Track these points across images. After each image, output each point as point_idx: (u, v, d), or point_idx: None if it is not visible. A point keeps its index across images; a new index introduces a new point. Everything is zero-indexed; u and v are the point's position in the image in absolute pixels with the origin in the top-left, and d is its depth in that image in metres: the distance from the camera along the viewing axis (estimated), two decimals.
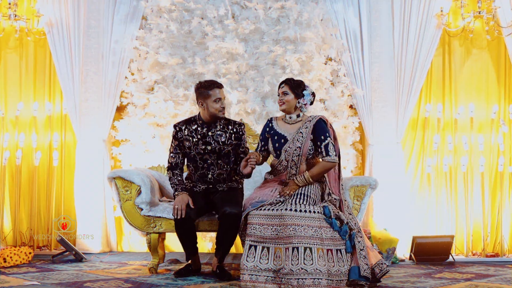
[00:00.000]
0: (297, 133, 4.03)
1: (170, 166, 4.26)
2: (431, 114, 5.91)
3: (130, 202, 4.53)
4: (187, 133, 4.23)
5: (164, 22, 5.62)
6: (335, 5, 5.81)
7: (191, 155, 4.23)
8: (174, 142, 4.27)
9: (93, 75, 5.78)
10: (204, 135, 4.21)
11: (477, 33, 5.91)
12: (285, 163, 4.03)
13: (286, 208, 3.76)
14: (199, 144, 4.20)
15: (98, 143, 5.76)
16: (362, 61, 5.77)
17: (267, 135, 4.19)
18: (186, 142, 4.22)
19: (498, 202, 5.75)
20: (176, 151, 4.27)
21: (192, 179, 4.35)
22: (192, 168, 4.28)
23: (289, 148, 4.01)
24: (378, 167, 5.67)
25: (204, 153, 4.21)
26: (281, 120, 4.19)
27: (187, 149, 4.23)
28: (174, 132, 4.27)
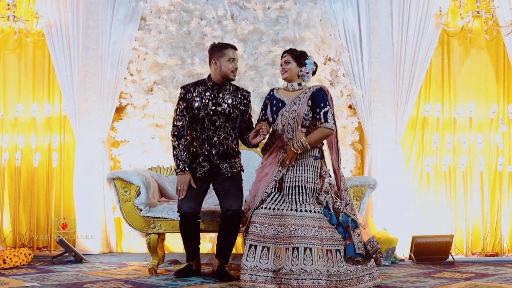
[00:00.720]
0: (296, 98, 4.00)
1: (176, 131, 4.10)
2: (430, 113, 5.92)
3: (130, 203, 4.53)
4: (196, 94, 4.10)
5: (163, 22, 5.62)
6: (334, 5, 5.81)
7: (199, 116, 4.08)
8: (182, 104, 4.11)
9: (92, 76, 5.78)
10: (214, 96, 4.11)
11: (476, 32, 5.91)
12: (280, 126, 3.98)
13: (286, 208, 3.76)
14: (209, 104, 4.08)
15: (98, 144, 5.76)
16: (361, 61, 5.77)
17: (267, 101, 4.16)
18: (195, 103, 4.08)
19: (497, 201, 5.76)
20: (183, 113, 4.11)
21: (193, 147, 4.18)
22: (198, 130, 4.13)
23: (285, 112, 3.98)
24: (377, 167, 5.67)
25: (213, 114, 4.09)
26: (282, 89, 4.16)
27: (195, 110, 4.07)
28: (183, 94, 4.13)
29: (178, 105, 4.12)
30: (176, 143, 4.08)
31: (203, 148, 4.12)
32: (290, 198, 3.83)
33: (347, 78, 5.76)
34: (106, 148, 5.80)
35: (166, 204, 4.61)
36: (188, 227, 4.08)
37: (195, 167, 4.15)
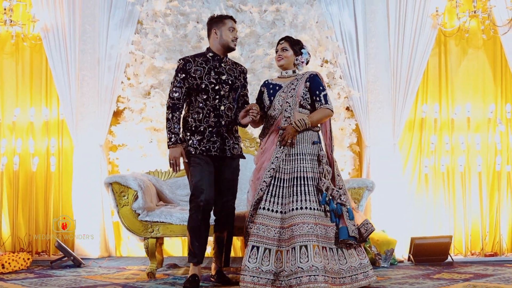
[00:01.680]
0: (292, 80, 4.03)
1: (172, 103, 3.90)
2: (428, 114, 5.91)
3: (127, 207, 4.54)
4: (196, 64, 3.94)
5: (160, 26, 5.62)
6: (330, 7, 5.81)
7: (201, 86, 3.90)
8: (180, 75, 3.92)
9: (89, 80, 5.79)
10: (215, 66, 3.98)
11: (473, 32, 5.91)
12: (278, 107, 3.97)
13: (286, 209, 3.75)
14: (212, 73, 3.94)
15: (95, 148, 5.76)
16: (358, 63, 5.77)
17: (262, 88, 4.14)
18: (196, 72, 3.91)
19: (496, 201, 5.75)
20: (181, 84, 3.92)
21: (197, 121, 3.92)
22: (202, 101, 3.91)
23: (283, 93, 3.99)
24: (375, 169, 5.66)
25: (217, 83, 3.93)
26: (276, 78, 4.18)
27: (197, 79, 3.89)
28: (182, 64, 3.94)
29: (176, 76, 3.94)
30: (170, 115, 3.90)
31: (209, 120, 3.91)
32: (290, 191, 3.79)
33: (344, 80, 5.76)
34: (104, 152, 5.79)
35: (164, 208, 4.61)
36: (205, 219, 3.88)
37: (206, 146, 3.91)
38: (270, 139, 3.97)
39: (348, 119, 5.78)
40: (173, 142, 3.86)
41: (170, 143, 3.87)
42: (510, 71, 5.80)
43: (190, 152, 3.90)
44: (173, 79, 3.95)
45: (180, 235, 4.54)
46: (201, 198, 3.80)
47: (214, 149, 3.91)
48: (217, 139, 3.92)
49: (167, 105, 3.92)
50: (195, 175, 3.87)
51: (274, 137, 3.94)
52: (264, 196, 3.82)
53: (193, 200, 3.85)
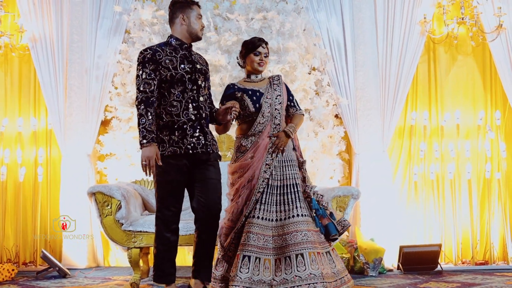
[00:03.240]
0: (270, 85, 3.91)
1: (145, 97, 3.43)
2: (418, 121, 5.87)
3: (111, 217, 4.51)
4: (166, 54, 3.52)
5: (147, 35, 5.61)
6: (318, 15, 5.78)
7: (176, 77, 3.49)
8: (150, 65, 3.46)
9: (77, 90, 5.77)
10: (186, 55, 3.59)
11: (462, 39, 5.88)
12: (267, 114, 3.83)
13: (278, 217, 3.69)
14: (185, 62, 3.55)
15: (83, 157, 5.73)
16: (346, 70, 5.74)
17: (237, 93, 3.87)
18: (168, 62, 3.49)
19: (486, 209, 5.69)
20: (152, 76, 3.46)
21: (174, 116, 3.51)
22: (178, 93, 3.50)
23: (268, 99, 3.85)
24: (365, 176, 5.61)
25: (192, 72, 3.55)
26: (243, 82, 3.97)
27: (171, 69, 3.48)
28: (149, 55, 3.48)
29: (144, 68, 3.46)
30: (144, 110, 3.40)
31: (188, 113, 3.51)
32: (283, 198, 3.74)
33: (333, 87, 5.73)
34: (91, 161, 5.77)
35: (148, 218, 4.58)
36: (172, 235, 3.58)
37: (191, 144, 3.52)
38: (261, 147, 3.82)
39: (337, 126, 5.74)
40: (148, 141, 3.37)
41: (144, 142, 3.37)
42: (499, 78, 5.75)
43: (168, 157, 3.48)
44: (140, 72, 3.47)
45: None
46: (167, 215, 3.55)
47: (199, 146, 3.54)
48: (200, 133, 3.56)
49: (139, 100, 3.43)
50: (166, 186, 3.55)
51: (266, 144, 3.82)
52: (257, 205, 3.74)
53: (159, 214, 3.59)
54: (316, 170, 5.59)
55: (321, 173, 5.62)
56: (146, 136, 3.38)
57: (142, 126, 3.39)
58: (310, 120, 5.64)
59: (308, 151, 5.54)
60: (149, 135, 3.38)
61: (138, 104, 3.43)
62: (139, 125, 3.39)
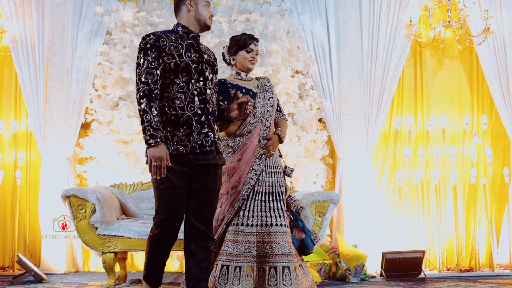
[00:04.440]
0: (261, 86, 3.80)
1: (148, 90, 3.02)
2: (403, 126, 5.79)
3: (85, 221, 4.42)
4: (171, 40, 3.14)
5: (128, 37, 5.53)
6: (302, 17, 5.69)
7: (182, 65, 3.10)
8: (152, 53, 3.06)
9: (57, 92, 5.68)
10: (193, 44, 3.21)
11: (448, 42, 5.80)
12: (259, 114, 3.70)
13: (261, 223, 3.58)
14: (191, 51, 3.17)
15: (63, 161, 5.64)
16: (330, 73, 5.64)
17: (231, 90, 3.69)
18: (173, 49, 3.10)
19: (472, 215, 5.60)
20: (155, 64, 3.06)
21: (177, 109, 3.10)
22: (183, 84, 3.11)
23: (260, 99, 3.74)
24: (348, 182, 5.52)
25: (199, 62, 3.17)
26: (234, 79, 3.81)
27: (176, 57, 3.09)
28: (152, 40, 3.09)
29: (146, 56, 3.06)
30: (147, 105, 2.99)
31: (194, 107, 3.12)
32: (269, 205, 3.63)
33: (316, 91, 5.63)
34: (71, 165, 5.67)
35: (123, 222, 4.49)
36: (169, 244, 3.20)
37: (198, 142, 3.12)
38: (249, 149, 3.68)
39: (320, 131, 5.65)
40: (155, 140, 2.97)
41: (151, 141, 2.97)
42: (486, 82, 5.67)
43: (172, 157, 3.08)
44: (142, 60, 3.07)
45: (139, 250, 4.41)
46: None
47: (208, 143, 3.14)
48: (208, 130, 3.16)
49: (141, 94, 3.01)
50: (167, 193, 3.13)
51: (255, 148, 3.68)
52: (240, 212, 3.62)
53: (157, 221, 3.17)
54: (299, 174, 5.49)
55: (304, 178, 5.52)
56: (153, 135, 2.96)
57: (148, 124, 2.98)
58: (293, 124, 5.55)
59: (291, 156, 5.45)
60: (157, 134, 2.97)
61: (140, 97, 3.01)
62: (142, 123, 2.99)
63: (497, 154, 5.74)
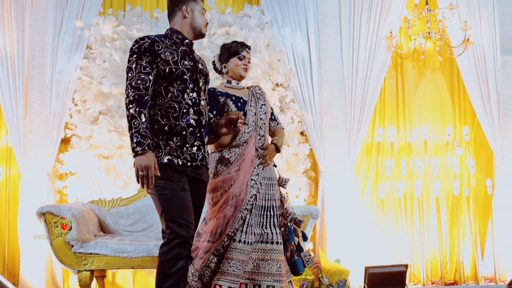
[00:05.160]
0: (252, 94, 3.67)
1: (138, 95, 2.84)
2: (385, 138, 5.76)
3: (61, 239, 4.36)
4: (166, 46, 2.99)
5: (108, 51, 5.50)
6: (283, 30, 5.67)
7: (176, 73, 2.96)
8: (147, 57, 2.90)
9: (37, 107, 5.63)
10: (187, 52, 3.07)
11: (429, 54, 5.79)
12: (252, 123, 3.55)
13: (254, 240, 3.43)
14: (186, 59, 3.03)
15: (43, 176, 5.57)
16: (311, 86, 5.61)
17: (221, 98, 3.55)
18: (168, 55, 2.95)
19: (456, 227, 5.57)
20: (148, 70, 2.89)
21: (171, 119, 2.96)
22: (177, 93, 2.96)
23: (252, 107, 3.60)
24: (331, 194, 5.47)
25: (194, 71, 3.04)
26: (224, 87, 3.67)
27: (172, 63, 2.95)
28: (147, 44, 2.93)
29: (139, 59, 2.89)
30: (137, 111, 2.81)
31: (189, 117, 2.98)
32: (264, 220, 3.48)
33: (297, 103, 5.59)
34: (50, 180, 5.61)
35: (100, 239, 4.43)
36: (190, 257, 3.02)
37: (190, 155, 2.98)
38: (247, 160, 3.51)
39: (302, 144, 5.61)
40: (143, 147, 2.79)
41: (138, 149, 2.79)
42: (467, 92, 5.66)
43: (167, 165, 2.92)
44: (134, 64, 2.90)
45: (115, 268, 4.36)
46: (183, 234, 2.89)
47: (199, 157, 3.02)
48: (200, 143, 3.03)
49: (130, 98, 2.85)
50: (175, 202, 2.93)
51: (252, 157, 3.51)
52: (242, 227, 3.43)
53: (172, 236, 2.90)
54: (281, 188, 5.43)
55: (285, 191, 5.46)
56: (140, 142, 2.78)
57: (135, 130, 2.79)
58: None
59: None
60: (144, 141, 2.79)
61: (129, 103, 2.84)
62: (130, 129, 2.81)
63: (480, 165, 5.72)
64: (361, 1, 5.67)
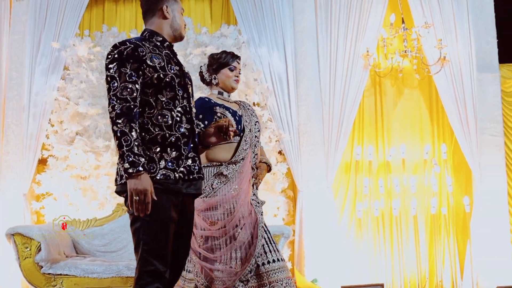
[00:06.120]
0: (245, 109, 3.45)
1: (127, 107, 2.47)
2: (364, 156, 5.74)
3: (30, 260, 4.33)
4: (150, 50, 2.62)
5: (84, 72, 5.51)
6: (259, 49, 5.68)
7: (165, 80, 2.59)
8: (130, 64, 2.53)
9: (14, 128, 5.64)
10: (170, 55, 2.71)
11: (407, 72, 5.79)
12: (248, 140, 3.33)
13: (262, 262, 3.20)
14: (171, 63, 2.67)
15: (19, 197, 5.54)
16: (288, 105, 5.61)
17: (217, 109, 3.32)
18: (155, 60, 2.59)
19: (434, 246, 5.51)
20: (132, 78, 2.52)
21: (163, 129, 2.58)
22: (167, 101, 2.59)
23: (248, 123, 3.37)
24: (309, 213, 5.43)
25: (181, 76, 2.68)
26: (216, 98, 3.41)
27: (159, 70, 2.58)
28: (130, 49, 2.55)
29: (122, 67, 2.52)
30: (127, 126, 2.44)
31: (182, 126, 2.63)
32: (264, 238, 3.25)
33: (275, 122, 5.58)
34: (27, 201, 5.58)
35: (70, 260, 4.40)
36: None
37: (186, 167, 2.61)
38: (245, 178, 3.27)
39: (280, 163, 5.59)
40: (137, 169, 2.41)
41: (132, 170, 2.41)
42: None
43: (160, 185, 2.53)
44: (117, 73, 2.53)
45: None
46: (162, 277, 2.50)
47: (195, 169, 2.64)
48: (195, 154, 2.68)
49: (117, 111, 2.46)
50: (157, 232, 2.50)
51: (249, 176, 3.30)
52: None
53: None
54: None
55: (264, 211, 5.41)
56: (134, 163, 2.41)
57: (127, 148, 2.41)
58: None
59: None
60: (139, 161, 2.41)
61: (115, 117, 2.45)
62: (121, 147, 2.42)
63: (459, 183, 5.69)
64: (338, 20, 5.69)
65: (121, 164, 2.44)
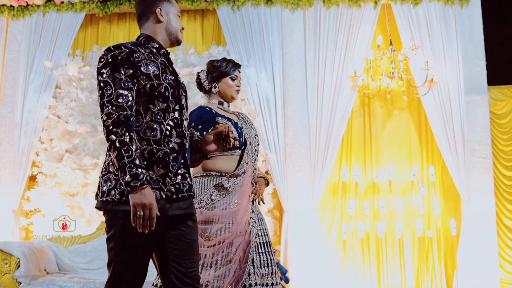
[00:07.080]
0: (244, 121, 3.25)
1: (124, 116, 2.30)
2: (351, 177, 5.72)
3: (9, 276, 4.37)
4: (145, 57, 2.45)
5: (74, 91, 5.60)
6: (247, 70, 5.73)
7: (159, 90, 2.42)
8: (124, 70, 2.35)
9: (6, 145, 5.74)
10: (165, 63, 2.54)
11: (396, 93, 5.79)
12: (248, 152, 3.16)
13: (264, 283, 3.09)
14: (167, 71, 2.50)
15: (8, 213, 5.62)
16: (275, 126, 5.63)
17: (218, 119, 3.13)
18: (149, 68, 2.41)
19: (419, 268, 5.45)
20: (128, 85, 2.34)
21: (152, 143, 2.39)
22: (159, 112, 2.41)
23: (248, 136, 3.19)
24: (294, 234, 5.42)
25: (175, 86, 2.51)
26: (217, 108, 3.24)
27: (154, 78, 2.41)
28: (125, 54, 2.37)
29: (116, 73, 2.33)
30: (127, 136, 2.28)
31: (171, 141, 2.43)
32: (266, 258, 3.11)
33: (261, 143, 5.60)
34: (16, 217, 5.65)
35: (49, 277, 4.43)
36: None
37: (175, 185, 2.42)
38: (246, 193, 3.11)
39: None
40: (141, 181, 2.25)
41: (135, 183, 2.24)
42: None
43: None
44: (111, 79, 2.33)
45: None
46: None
47: (185, 187, 2.45)
48: (185, 171, 2.48)
49: (115, 120, 2.28)
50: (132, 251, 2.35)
51: (249, 191, 3.14)
52: (251, 269, 3.06)
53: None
54: None
55: None
56: (137, 175, 2.24)
57: (129, 160, 2.25)
58: None
59: None
60: (141, 174, 2.25)
61: (113, 125, 2.27)
62: (121, 158, 2.25)
63: (447, 205, 5.64)
64: (326, 41, 5.72)
65: (120, 176, 2.26)
